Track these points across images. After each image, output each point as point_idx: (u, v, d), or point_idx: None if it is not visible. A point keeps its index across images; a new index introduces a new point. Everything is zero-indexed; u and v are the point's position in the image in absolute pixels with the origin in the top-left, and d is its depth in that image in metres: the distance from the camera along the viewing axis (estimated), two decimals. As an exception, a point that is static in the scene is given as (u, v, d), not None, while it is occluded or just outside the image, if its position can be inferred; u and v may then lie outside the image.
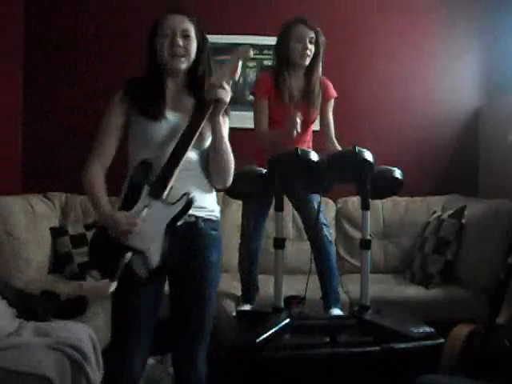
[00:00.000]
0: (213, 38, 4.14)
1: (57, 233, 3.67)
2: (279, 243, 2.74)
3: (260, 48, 4.09)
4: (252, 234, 3.20)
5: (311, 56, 3.06)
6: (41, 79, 4.11)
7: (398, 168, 2.89)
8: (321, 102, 3.17)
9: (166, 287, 2.12)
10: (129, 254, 1.93)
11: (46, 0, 4.15)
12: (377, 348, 2.49)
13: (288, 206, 3.13)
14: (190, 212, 1.99)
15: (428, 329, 2.61)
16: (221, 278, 2.17)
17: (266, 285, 3.21)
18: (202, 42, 2.13)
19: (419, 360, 2.49)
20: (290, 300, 2.90)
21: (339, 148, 3.08)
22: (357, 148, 2.70)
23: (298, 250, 3.52)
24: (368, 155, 2.72)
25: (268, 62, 4.03)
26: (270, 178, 2.72)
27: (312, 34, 3.05)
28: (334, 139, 3.17)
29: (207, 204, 2.10)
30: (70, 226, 3.72)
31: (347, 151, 2.75)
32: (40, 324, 2.56)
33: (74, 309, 2.86)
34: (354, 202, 3.94)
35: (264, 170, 2.77)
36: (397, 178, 2.86)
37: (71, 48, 4.12)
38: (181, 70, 2.09)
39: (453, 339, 2.49)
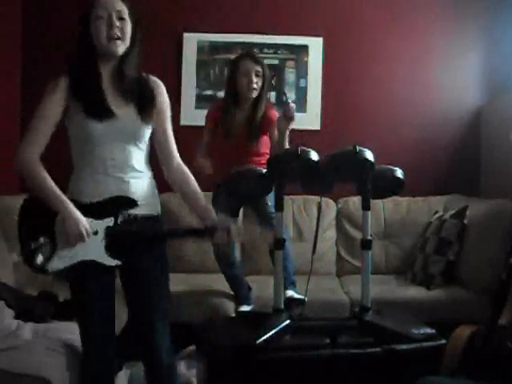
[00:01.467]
0: (212, 37, 4.17)
1: (55, 233, 3.63)
2: (279, 244, 2.72)
3: (260, 47, 4.07)
4: None
5: (258, 89, 3.21)
6: (39, 79, 4.05)
7: (399, 168, 2.88)
8: (267, 129, 3.28)
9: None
10: (42, 240, 1.98)
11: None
12: (377, 349, 2.48)
13: (288, 206, 3.13)
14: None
15: (429, 330, 2.59)
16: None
17: (266, 286, 3.20)
18: (135, 25, 2.05)
19: (420, 361, 2.48)
20: (290, 301, 2.89)
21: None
22: (357, 147, 2.69)
23: (299, 251, 3.50)
24: (369, 155, 2.70)
25: (268, 61, 4.01)
26: (270, 178, 2.70)
27: (258, 68, 3.21)
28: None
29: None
30: (69, 226, 3.69)
31: (348, 151, 2.73)
32: (38, 325, 2.56)
33: (72, 310, 2.84)
34: (355, 202, 3.92)
35: (264, 170, 2.76)
36: (398, 177, 2.84)
37: (70, 48, 4.09)
38: (116, 55, 2.02)
39: (454, 340, 2.48)
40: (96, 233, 1.99)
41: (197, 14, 4.15)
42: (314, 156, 2.70)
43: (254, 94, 3.22)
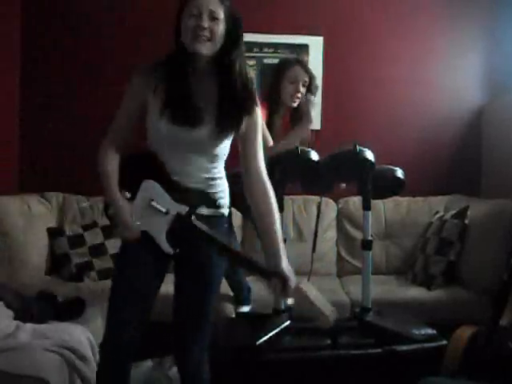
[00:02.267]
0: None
1: (54, 233, 3.64)
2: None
3: (260, 46, 4.06)
4: None
5: (300, 99, 3.04)
6: (38, 79, 4.09)
7: (400, 167, 2.87)
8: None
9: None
10: (127, 194, 1.98)
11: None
12: (378, 350, 2.48)
13: (288, 206, 3.12)
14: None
15: (430, 330, 2.59)
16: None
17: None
18: (233, 28, 1.95)
19: (421, 362, 2.48)
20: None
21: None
22: (358, 147, 2.68)
23: (299, 251, 3.49)
24: (369, 154, 2.70)
25: (268, 60, 4.00)
26: (270, 178, 2.69)
27: (306, 78, 3.04)
28: None
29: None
30: (68, 226, 3.70)
31: (348, 150, 2.72)
32: (37, 326, 2.54)
33: (72, 310, 2.84)
34: (355, 202, 3.91)
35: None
36: (398, 177, 2.84)
37: (69, 48, 4.09)
38: (203, 56, 1.93)
39: (455, 341, 2.48)
40: (167, 213, 1.95)
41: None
42: (314, 156, 2.70)
43: (295, 104, 3.06)
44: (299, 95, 3.03)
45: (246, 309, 3.21)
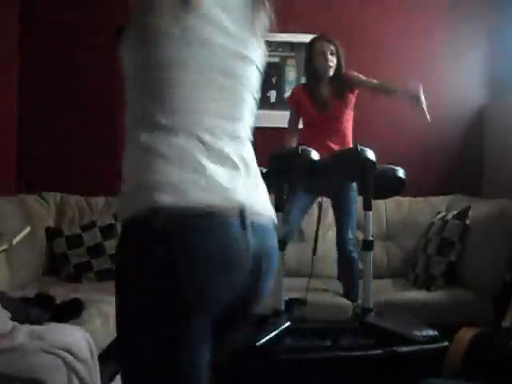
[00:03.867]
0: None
1: (52, 234, 3.63)
2: (280, 245, 2.68)
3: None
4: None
5: (334, 67, 3.37)
6: (35, 79, 4.08)
7: (401, 167, 2.86)
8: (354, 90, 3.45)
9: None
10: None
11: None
12: (379, 351, 2.47)
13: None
14: None
15: (431, 332, 2.58)
16: None
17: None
18: None
19: (422, 364, 2.47)
20: (291, 303, 2.87)
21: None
22: (359, 147, 2.67)
23: (299, 252, 3.48)
24: (370, 154, 2.69)
25: (268, 59, 3.98)
26: (270, 178, 2.68)
27: (331, 47, 3.37)
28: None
29: None
30: (66, 226, 3.69)
31: (349, 150, 2.72)
32: (35, 327, 2.52)
33: (70, 312, 2.82)
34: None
35: (264, 170, 2.73)
36: (400, 177, 2.83)
37: (67, 48, 4.08)
38: None
39: (457, 342, 2.47)
40: None
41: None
42: (315, 155, 2.69)
43: (332, 72, 3.37)
44: (330, 63, 3.35)
45: None
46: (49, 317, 2.69)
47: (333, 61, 3.36)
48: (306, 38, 4.07)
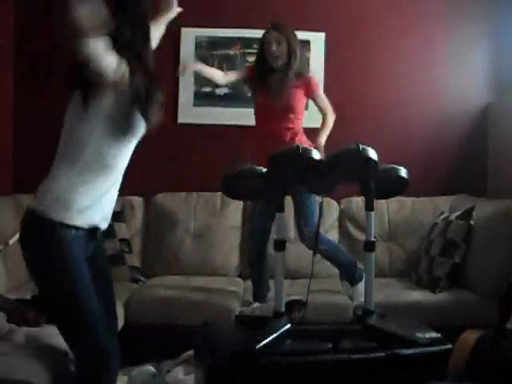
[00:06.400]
0: (211, 32, 4.13)
1: (49, 234, 3.59)
2: (280, 245, 2.67)
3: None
4: (261, 231, 3.39)
5: (281, 56, 3.31)
6: (31, 78, 4.08)
7: (404, 167, 2.83)
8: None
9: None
10: None
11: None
12: (381, 354, 2.43)
13: (288, 206, 3.09)
14: None
15: (435, 334, 2.54)
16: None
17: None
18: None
19: (426, 366, 2.44)
20: (291, 305, 2.85)
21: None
22: (360, 146, 2.64)
23: (299, 252, 3.46)
24: (372, 153, 2.66)
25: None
26: (270, 178, 2.65)
27: (276, 35, 3.30)
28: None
29: None
30: (64, 226, 3.65)
31: (350, 149, 2.68)
32: (31, 329, 2.52)
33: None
34: (358, 202, 3.91)
35: (264, 170, 2.71)
36: (402, 177, 2.79)
37: (62, 47, 4.06)
38: None
39: (461, 345, 2.46)
40: None
41: (195, 8, 4.10)
42: (316, 155, 2.66)
43: (280, 62, 3.32)
44: (276, 53, 3.29)
45: (253, 305, 3.33)
46: (46, 319, 2.68)
47: (278, 50, 3.30)
48: (308, 35, 4.10)
